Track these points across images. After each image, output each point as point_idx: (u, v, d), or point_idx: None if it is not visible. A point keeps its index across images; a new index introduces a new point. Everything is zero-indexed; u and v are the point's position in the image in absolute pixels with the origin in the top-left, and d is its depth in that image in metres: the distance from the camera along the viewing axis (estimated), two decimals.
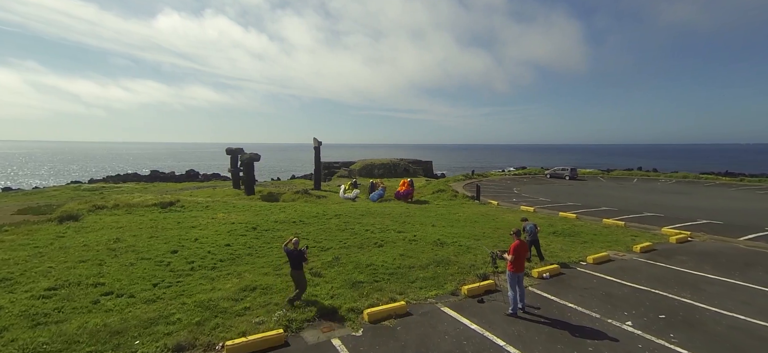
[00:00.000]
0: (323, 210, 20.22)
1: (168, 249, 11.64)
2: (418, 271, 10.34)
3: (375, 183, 29.70)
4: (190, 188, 34.79)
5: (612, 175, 46.45)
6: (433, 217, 18.65)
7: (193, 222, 16.27)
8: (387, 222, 16.96)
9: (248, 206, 21.63)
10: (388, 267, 10.53)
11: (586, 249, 12.69)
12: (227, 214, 18.58)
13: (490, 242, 13.48)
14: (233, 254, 11.58)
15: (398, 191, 26.98)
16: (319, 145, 35.03)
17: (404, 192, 26.47)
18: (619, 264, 11.09)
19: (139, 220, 16.49)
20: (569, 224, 17.21)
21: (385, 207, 22.12)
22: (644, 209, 21.86)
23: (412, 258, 11.41)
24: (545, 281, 9.69)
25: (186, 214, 18.51)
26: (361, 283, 9.28)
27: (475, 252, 12.27)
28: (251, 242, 13.11)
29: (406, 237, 13.98)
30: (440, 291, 8.93)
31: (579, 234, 15.11)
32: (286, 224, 16.36)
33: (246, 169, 28.74)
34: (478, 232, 15.32)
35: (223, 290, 8.74)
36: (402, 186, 27.19)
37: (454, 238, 14.00)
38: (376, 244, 13.07)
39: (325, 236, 14.36)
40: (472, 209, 21.95)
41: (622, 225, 16.64)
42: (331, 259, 11.19)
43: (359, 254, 11.93)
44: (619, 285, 9.37)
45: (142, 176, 57.85)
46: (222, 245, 12.47)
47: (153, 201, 20.67)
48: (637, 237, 14.42)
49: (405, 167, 53.87)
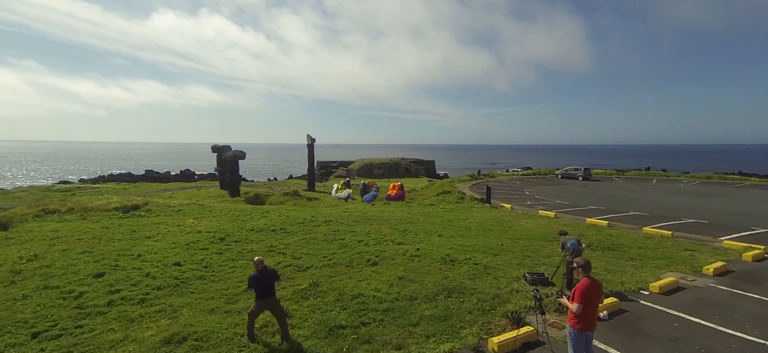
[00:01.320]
0: (312, 215, 17.40)
1: (93, 272, 8.84)
2: (422, 305, 7.55)
3: (368, 184, 28.46)
4: (175, 189, 32.07)
5: (628, 175, 43.47)
6: (438, 224, 15.83)
7: (150, 231, 13.49)
8: (384, 231, 14.16)
9: (227, 210, 18.86)
10: (382, 299, 7.74)
11: (639, 270, 9.86)
12: (197, 221, 15.81)
13: (514, 260, 10.66)
14: (179, 278, 8.79)
15: (389, 194, 26.07)
16: (313, 142, 32.25)
17: (395, 195, 25.67)
18: (695, 294, 8.23)
19: (86, 228, 13.72)
20: (603, 234, 14.37)
21: (383, 211, 19.30)
22: (681, 214, 19.00)
23: (415, 284, 8.62)
24: (603, 322, 6.87)
25: (147, 221, 15.73)
26: (341, 329, 6.48)
27: (497, 273, 9.46)
28: (211, 259, 10.33)
29: (407, 252, 11.17)
30: (456, 345, 6.11)
31: (620, 247, 12.28)
32: (263, 233, 13.56)
33: (230, 169, 25.99)
34: (495, 244, 12.50)
35: (139, 341, 5.97)
36: (392, 189, 26.46)
37: (466, 253, 11.18)
38: (368, 262, 10.28)
39: (308, 249, 11.58)
40: (483, 214, 19.11)
41: (668, 236, 13.80)
42: (307, 285, 8.41)
43: (346, 277, 9.14)
44: (717, 334, 6.51)
45: (136, 176, 56.45)
46: (170, 264, 9.68)
47: (116, 205, 17.93)
48: (695, 253, 11.57)
49: (406, 167, 51.04)
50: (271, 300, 6.01)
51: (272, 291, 6.06)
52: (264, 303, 5.96)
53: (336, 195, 27.57)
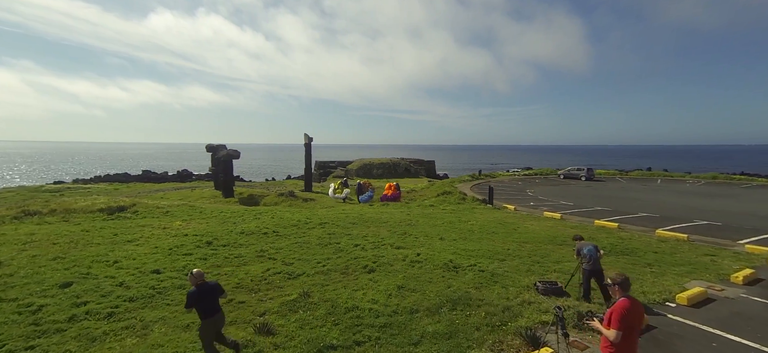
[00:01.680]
0: (307, 216, 16.56)
1: (59, 281, 8.00)
2: (424, 320, 6.74)
3: (364, 185, 27.68)
4: (169, 189, 31.20)
5: (631, 175, 42.71)
6: (440, 227, 15.01)
7: (132, 235, 12.65)
8: (383, 234, 13.35)
9: (218, 211, 18.02)
10: (379, 313, 6.93)
11: (659, 277, 9.05)
12: (185, 223, 14.98)
13: (522, 266, 9.85)
14: (156, 288, 7.96)
15: (384, 194, 25.43)
16: (310, 142, 31.44)
17: (391, 196, 25.04)
18: (728, 306, 7.41)
19: (64, 231, 12.87)
20: (613, 237, 13.57)
21: (381, 213, 18.46)
22: (691, 215, 18.22)
23: (416, 294, 7.81)
24: None
25: (132, 223, 14.89)
26: (332, 350, 5.67)
27: (505, 282, 8.66)
28: (194, 265, 9.46)
29: (406, 257, 10.36)
30: None
31: (634, 252, 11.48)
32: (254, 237, 12.74)
33: (223, 168, 25.13)
34: (501, 249, 11.69)
35: None
36: (388, 189, 25.86)
37: (470, 258, 10.38)
38: (365, 269, 9.46)
39: (300, 254, 10.76)
40: (486, 215, 18.30)
41: (683, 239, 13.01)
42: (297, 296, 7.59)
43: (340, 286, 8.33)
44: None
45: (132, 176, 55.68)
46: (147, 272, 8.85)
47: (101, 206, 17.09)
48: (716, 258, 10.78)
49: (406, 167, 50.21)
50: (218, 318, 5.16)
51: (218, 307, 5.20)
52: (213, 322, 5.10)
53: (333, 196, 26.82)
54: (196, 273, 5.15)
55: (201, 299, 5.00)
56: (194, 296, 4.99)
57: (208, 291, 5.10)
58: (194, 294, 5.00)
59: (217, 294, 5.23)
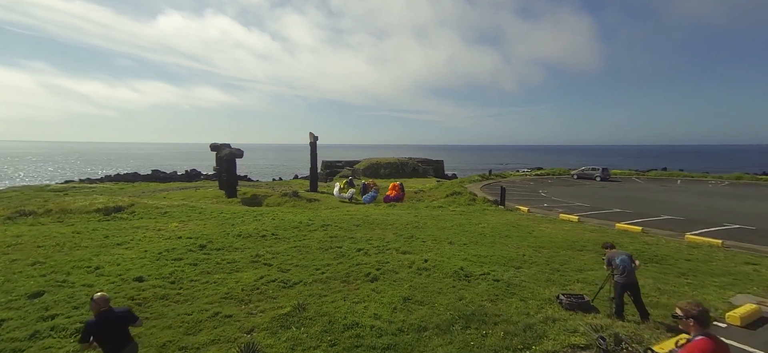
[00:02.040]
0: (309, 218, 15.79)
1: (30, 290, 7.29)
2: (434, 340, 5.87)
3: (368, 185, 27.07)
4: (173, 188, 30.76)
5: (649, 175, 41.15)
6: (449, 230, 14.10)
7: (123, 237, 11.99)
8: (388, 237, 12.50)
9: (218, 212, 17.35)
10: (382, 331, 6.07)
11: (698, 290, 8.04)
12: (182, 224, 14.32)
13: (540, 275, 8.91)
14: (136, 298, 7.21)
15: (387, 195, 24.59)
16: (316, 140, 30.69)
17: (394, 196, 24.23)
18: None
19: (54, 233, 12.27)
20: (638, 241, 12.53)
21: (387, 214, 17.59)
22: (719, 218, 17.00)
23: (424, 308, 6.93)
24: None
25: (127, 224, 14.26)
26: None
27: (523, 293, 7.74)
28: (181, 272, 8.75)
29: (413, 264, 9.49)
30: None
31: (665, 259, 10.44)
32: (251, 240, 11.99)
33: (226, 167, 24.53)
34: (515, 255, 10.74)
35: None
36: (391, 189, 25.10)
37: (483, 266, 9.47)
38: (368, 277, 8.62)
39: (298, 260, 9.97)
40: (498, 217, 17.32)
41: (718, 245, 11.91)
42: (291, 309, 6.78)
43: (340, 297, 7.50)
44: None
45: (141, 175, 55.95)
46: (130, 279, 8.12)
47: (98, 206, 16.53)
48: (759, 267, 9.69)
49: (414, 166, 49.26)
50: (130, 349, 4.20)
51: (126, 340, 4.22)
52: None
53: (338, 195, 26.10)
54: (98, 299, 4.13)
55: (102, 331, 4.00)
56: (91, 328, 3.98)
57: (113, 320, 4.09)
58: (92, 325, 4.00)
59: (126, 324, 4.22)
